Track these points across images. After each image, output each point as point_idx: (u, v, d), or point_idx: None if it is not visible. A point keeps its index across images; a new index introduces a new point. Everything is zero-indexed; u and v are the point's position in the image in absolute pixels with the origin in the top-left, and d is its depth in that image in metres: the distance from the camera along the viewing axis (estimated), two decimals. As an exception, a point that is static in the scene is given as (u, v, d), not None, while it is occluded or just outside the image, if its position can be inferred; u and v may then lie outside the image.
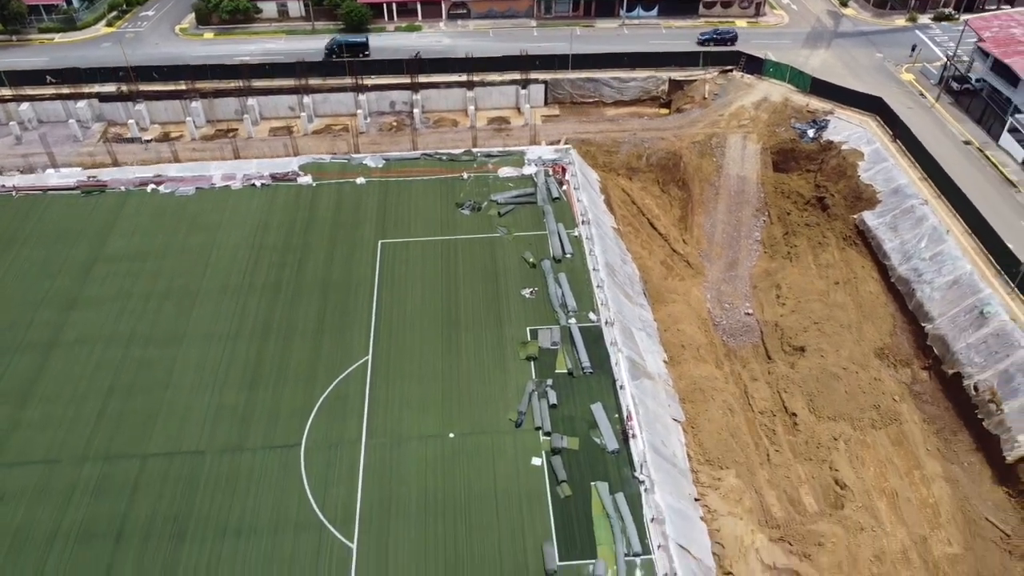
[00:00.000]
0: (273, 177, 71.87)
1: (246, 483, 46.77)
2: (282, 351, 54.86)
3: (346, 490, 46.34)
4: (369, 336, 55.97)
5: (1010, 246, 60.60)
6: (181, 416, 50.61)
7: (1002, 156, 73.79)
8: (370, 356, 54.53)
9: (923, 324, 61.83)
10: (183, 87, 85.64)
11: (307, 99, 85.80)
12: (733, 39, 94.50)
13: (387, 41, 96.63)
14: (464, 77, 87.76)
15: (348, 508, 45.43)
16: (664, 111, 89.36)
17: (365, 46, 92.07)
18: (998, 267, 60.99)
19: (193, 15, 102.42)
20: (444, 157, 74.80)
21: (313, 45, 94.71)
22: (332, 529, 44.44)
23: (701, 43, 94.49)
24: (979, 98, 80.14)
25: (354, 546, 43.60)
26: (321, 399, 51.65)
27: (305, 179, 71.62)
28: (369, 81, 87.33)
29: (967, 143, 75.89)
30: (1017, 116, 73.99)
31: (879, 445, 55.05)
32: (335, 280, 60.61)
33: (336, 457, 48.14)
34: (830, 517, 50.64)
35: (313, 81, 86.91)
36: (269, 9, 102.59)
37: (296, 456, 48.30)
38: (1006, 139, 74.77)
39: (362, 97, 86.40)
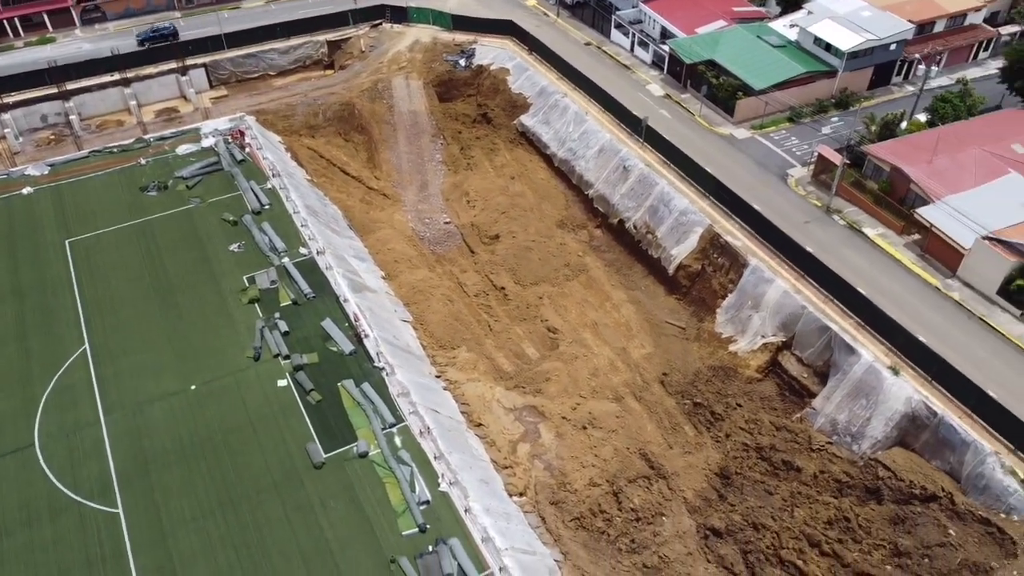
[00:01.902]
0: (-79, 210, 65.44)
1: (-19, 497, 44.34)
2: (-15, 365, 51.72)
3: (97, 466, 45.69)
4: (80, 326, 54.36)
5: (634, 112, 72.95)
6: None
7: (615, 48, 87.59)
8: (87, 343, 53.15)
9: (587, 192, 72.73)
10: None
11: (-62, 131, 78.14)
12: (173, 34, 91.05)
13: (17, 59, 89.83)
14: (117, 76, 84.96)
15: (103, 480, 44.93)
16: (330, 72, 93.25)
17: None
18: (629, 130, 73.24)
19: None
20: (116, 149, 72.82)
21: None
22: (91, 504, 43.83)
23: (140, 43, 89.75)
24: (589, 7, 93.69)
25: (119, 510, 43.49)
26: (45, 396, 49.71)
27: (-39, 204, 66.16)
28: (9, 99, 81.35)
29: (588, 44, 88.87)
30: (618, 14, 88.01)
31: (575, 292, 64.54)
32: (26, 287, 57.60)
33: (77, 442, 47.02)
34: (550, 357, 58.93)
35: (-61, 111, 79.21)
36: None
37: (32, 455, 46.39)
38: (615, 35, 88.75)
39: (6, 116, 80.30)
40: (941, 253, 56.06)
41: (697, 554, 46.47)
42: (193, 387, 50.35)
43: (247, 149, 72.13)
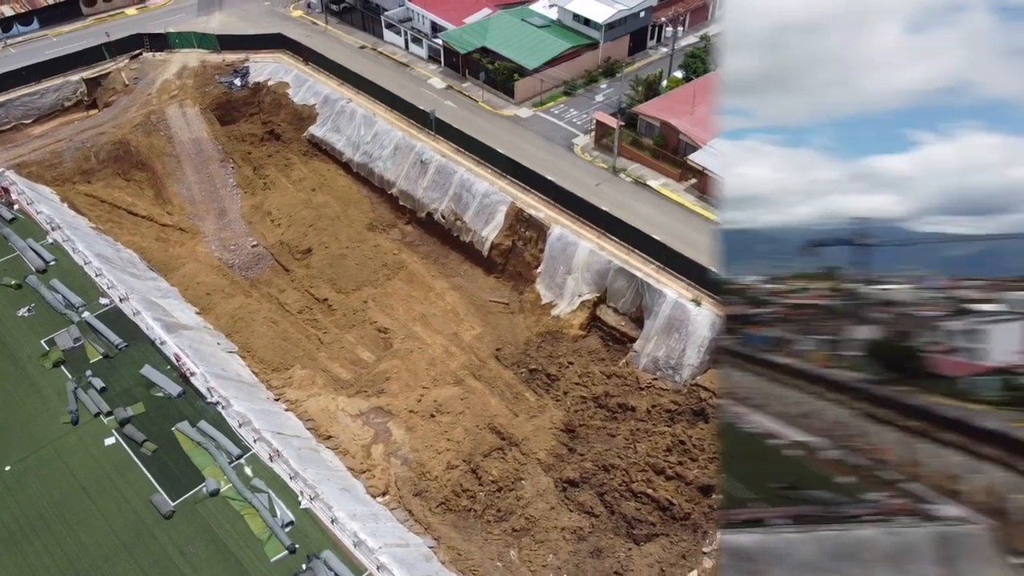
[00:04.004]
0: None
1: None
2: None
3: (-91, 578, 41.20)
4: None
5: (419, 106, 74.52)
6: None
7: (390, 48, 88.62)
8: None
9: (390, 191, 73.63)
10: None
11: None
12: None
13: None
14: None
15: (-79, 591, 40.66)
16: (94, 111, 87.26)
17: None
18: (419, 125, 74.76)
19: None
20: None
21: None
22: (-88, 619, 39.58)
23: None
24: (356, 11, 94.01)
25: (-52, 617, 39.62)
26: None
27: None
28: None
29: (362, 47, 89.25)
30: (386, 14, 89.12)
31: (398, 290, 65.50)
32: None
33: None
34: (386, 357, 59.66)
35: None
36: None
37: None
38: (388, 35, 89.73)
39: None
40: (715, 191, 62.40)
41: (559, 507, 49.30)
42: (8, 468, 46.35)
43: (16, 206, 66.33)
